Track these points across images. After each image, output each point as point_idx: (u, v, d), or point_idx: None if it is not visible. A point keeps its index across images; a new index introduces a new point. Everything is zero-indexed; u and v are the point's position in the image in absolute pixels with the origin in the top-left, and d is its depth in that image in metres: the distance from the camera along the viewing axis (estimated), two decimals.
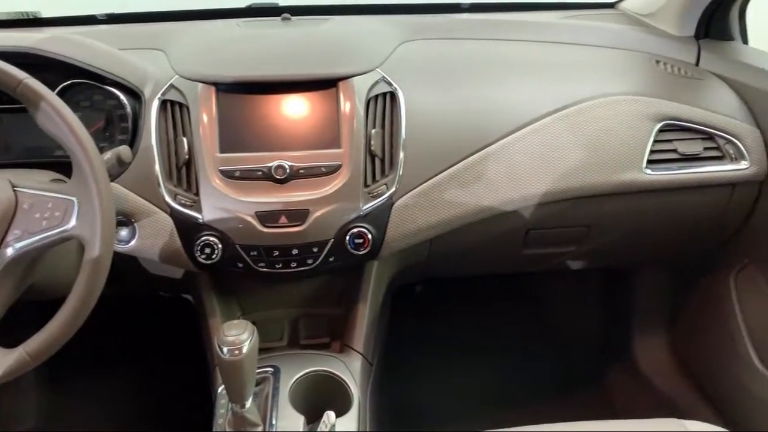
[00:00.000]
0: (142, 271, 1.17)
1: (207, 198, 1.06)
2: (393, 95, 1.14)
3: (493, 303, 1.90)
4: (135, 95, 1.12)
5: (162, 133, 1.09)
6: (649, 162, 1.21)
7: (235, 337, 0.86)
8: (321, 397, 1.06)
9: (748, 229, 1.36)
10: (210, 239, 1.05)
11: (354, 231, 1.08)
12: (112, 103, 1.12)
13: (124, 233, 1.08)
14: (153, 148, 1.07)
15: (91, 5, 1.48)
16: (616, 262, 1.65)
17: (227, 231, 1.06)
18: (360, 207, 1.08)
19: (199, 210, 1.06)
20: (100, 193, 0.83)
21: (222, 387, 1.00)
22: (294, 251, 1.08)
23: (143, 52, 1.22)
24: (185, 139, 1.08)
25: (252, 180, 1.07)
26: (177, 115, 1.10)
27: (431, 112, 1.15)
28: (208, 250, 1.05)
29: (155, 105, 1.10)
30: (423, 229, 1.14)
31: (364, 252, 1.09)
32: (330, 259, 1.10)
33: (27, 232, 0.84)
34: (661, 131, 1.23)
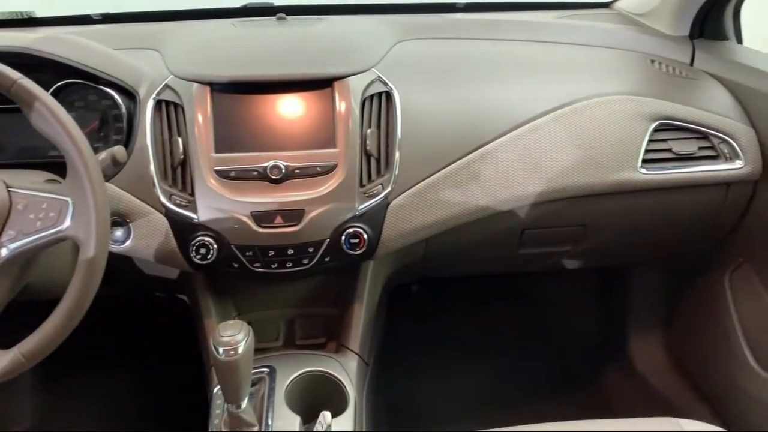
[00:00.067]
0: (137, 272, 1.17)
1: (202, 198, 1.06)
2: (388, 95, 1.14)
3: (489, 303, 1.90)
4: (130, 95, 1.12)
5: (157, 133, 1.09)
6: (644, 161, 1.22)
7: (231, 338, 0.86)
8: (317, 398, 1.06)
9: (742, 229, 1.36)
10: (205, 239, 1.05)
11: (350, 231, 1.08)
12: (106, 103, 1.12)
13: (119, 233, 1.07)
14: (148, 148, 1.07)
15: (86, 5, 1.47)
16: (611, 261, 1.65)
17: (222, 231, 1.06)
18: (355, 207, 1.08)
19: (195, 210, 1.06)
20: (94, 194, 0.82)
21: (218, 387, 1.00)
22: (289, 251, 1.08)
23: (138, 52, 1.22)
24: (180, 140, 1.08)
25: (247, 180, 1.07)
26: (172, 115, 1.10)
27: (427, 111, 1.15)
28: (203, 250, 1.05)
29: (150, 105, 1.10)
30: (419, 229, 1.13)
31: (359, 252, 1.09)
32: (325, 259, 1.10)
33: (21, 232, 0.84)
34: (656, 131, 1.23)
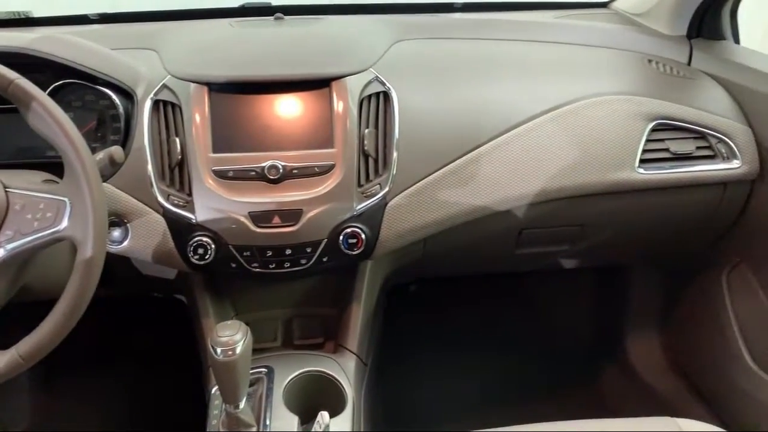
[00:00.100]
0: (134, 272, 1.16)
1: (200, 198, 1.06)
2: (386, 95, 1.13)
3: (487, 302, 1.90)
4: (127, 95, 1.12)
5: (154, 134, 1.08)
6: (642, 161, 1.22)
7: (229, 338, 0.86)
8: (315, 398, 1.06)
9: (740, 228, 1.37)
10: (203, 240, 1.05)
11: (347, 231, 1.08)
12: (104, 104, 1.12)
13: (116, 234, 1.07)
14: (145, 148, 1.07)
15: (83, 5, 1.47)
16: (609, 261, 1.65)
17: (220, 231, 1.06)
18: (353, 207, 1.08)
19: (192, 210, 1.06)
20: (92, 194, 0.82)
21: (215, 388, 1.00)
22: (287, 251, 1.07)
23: (135, 51, 1.22)
24: (178, 140, 1.07)
25: (245, 180, 1.07)
26: (169, 115, 1.10)
27: (425, 111, 1.15)
28: (201, 250, 1.05)
29: (148, 105, 1.10)
30: (416, 229, 1.13)
31: (357, 252, 1.09)
32: (323, 259, 1.09)
33: (19, 233, 0.83)
34: (654, 131, 1.24)
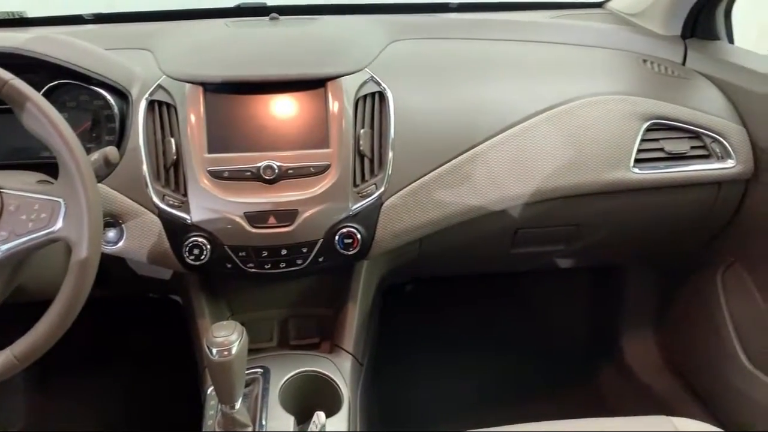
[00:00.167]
0: (130, 273, 1.16)
1: (195, 198, 1.05)
2: (382, 95, 1.14)
3: (483, 302, 1.90)
4: (122, 96, 1.11)
5: (149, 134, 1.08)
6: (637, 161, 1.22)
7: (224, 338, 0.86)
8: (311, 398, 1.06)
9: (734, 228, 1.37)
10: (198, 240, 1.05)
11: (343, 231, 1.08)
12: (99, 104, 1.11)
13: (111, 234, 1.07)
14: (140, 148, 1.07)
15: (78, 5, 1.46)
16: (604, 260, 1.65)
17: (216, 232, 1.06)
18: (349, 207, 1.08)
19: (188, 211, 1.05)
20: (87, 194, 0.82)
21: (211, 388, 1.00)
22: (283, 252, 1.07)
23: (130, 52, 1.21)
24: (173, 140, 1.07)
25: (240, 180, 1.07)
26: (165, 116, 1.10)
27: (420, 111, 1.15)
28: (196, 251, 1.05)
29: (143, 105, 1.09)
30: (412, 229, 1.14)
31: (353, 252, 1.09)
32: (319, 260, 1.09)
33: (13, 233, 0.83)
34: (649, 130, 1.24)
